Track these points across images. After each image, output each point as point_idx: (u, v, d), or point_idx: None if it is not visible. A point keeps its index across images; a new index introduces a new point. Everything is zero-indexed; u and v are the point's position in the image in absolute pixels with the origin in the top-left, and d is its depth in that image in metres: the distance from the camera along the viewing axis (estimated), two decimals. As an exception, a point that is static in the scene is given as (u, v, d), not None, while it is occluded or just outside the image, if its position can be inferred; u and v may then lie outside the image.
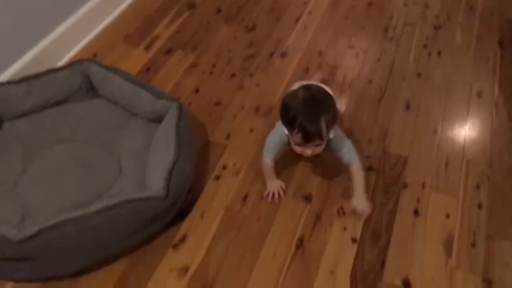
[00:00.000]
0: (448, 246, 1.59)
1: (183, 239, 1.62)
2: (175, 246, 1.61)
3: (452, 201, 1.72)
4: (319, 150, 1.53)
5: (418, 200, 1.72)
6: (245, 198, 1.74)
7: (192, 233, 1.64)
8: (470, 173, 1.81)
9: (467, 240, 1.61)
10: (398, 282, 1.51)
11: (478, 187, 1.76)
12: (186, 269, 1.55)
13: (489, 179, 1.79)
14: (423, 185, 1.77)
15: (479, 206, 1.70)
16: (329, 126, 1.46)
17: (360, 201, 1.59)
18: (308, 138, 1.46)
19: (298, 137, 1.47)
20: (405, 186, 1.77)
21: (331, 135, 1.52)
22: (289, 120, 1.48)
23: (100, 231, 1.38)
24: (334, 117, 1.49)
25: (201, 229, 1.65)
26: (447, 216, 1.68)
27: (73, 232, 1.35)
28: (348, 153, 1.62)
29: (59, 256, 1.39)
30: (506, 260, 1.55)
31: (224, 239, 1.63)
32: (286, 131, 1.54)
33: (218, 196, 1.75)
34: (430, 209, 1.70)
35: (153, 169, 1.58)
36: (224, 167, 1.84)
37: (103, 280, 1.51)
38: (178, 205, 1.60)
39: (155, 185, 1.50)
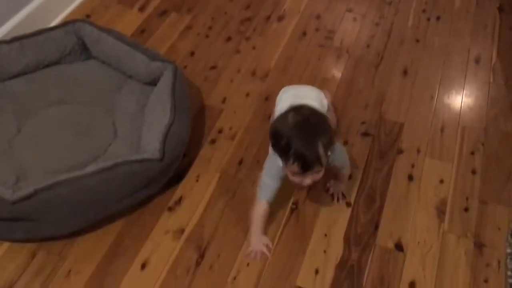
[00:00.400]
0: (441, 210, 1.61)
1: (179, 201, 1.63)
2: (170, 209, 1.61)
3: (446, 166, 1.73)
4: (319, 176, 1.36)
5: (412, 166, 1.73)
6: (240, 162, 1.74)
7: (188, 196, 1.65)
8: (466, 139, 1.81)
9: (460, 205, 1.63)
10: (391, 244, 1.53)
11: (472, 153, 1.77)
12: (181, 231, 1.56)
13: (484, 145, 1.79)
14: (418, 151, 1.77)
15: (473, 172, 1.71)
16: (327, 149, 1.30)
17: (338, 186, 1.64)
18: (306, 166, 1.29)
19: (295, 167, 1.29)
20: (400, 151, 1.77)
21: (329, 153, 1.34)
22: (282, 149, 1.30)
23: (95, 192, 1.38)
24: (331, 138, 1.33)
25: (196, 192, 1.66)
26: (441, 181, 1.69)
27: (69, 193, 1.35)
28: (344, 162, 1.53)
29: (54, 217, 1.39)
30: (498, 225, 1.57)
31: (219, 202, 1.63)
32: (281, 163, 1.37)
33: (213, 160, 1.75)
34: (424, 174, 1.71)
35: (149, 132, 1.57)
36: (220, 131, 1.83)
37: (99, 241, 1.52)
38: (174, 168, 1.60)
39: (151, 147, 1.49)
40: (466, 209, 1.61)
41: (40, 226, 1.41)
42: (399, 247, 1.53)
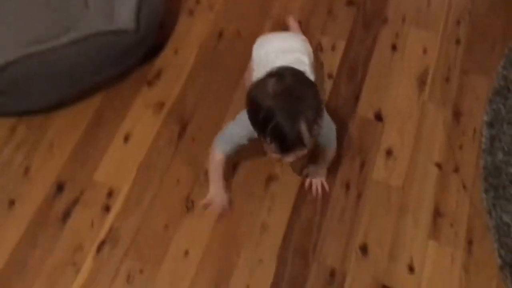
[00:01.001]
0: (422, 81, 1.61)
1: (158, 75, 1.60)
2: (150, 83, 1.59)
3: (431, 36, 1.69)
4: (303, 154, 1.15)
5: (397, 35, 1.69)
6: (220, 34, 1.68)
7: (167, 69, 1.61)
8: (453, 8, 1.76)
9: (441, 75, 1.62)
10: (370, 115, 1.55)
11: (458, 22, 1.73)
12: (161, 106, 1.55)
13: (470, 13, 1.74)
14: (404, 20, 1.72)
15: (457, 42, 1.69)
16: (312, 127, 1.08)
17: (317, 173, 1.42)
18: (286, 148, 1.10)
19: (273, 147, 1.10)
20: (385, 21, 1.72)
21: (315, 131, 1.13)
22: (260, 124, 1.10)
23: (70, 63, 1.34)
24: (317, 113, 1.10)
25: (175, 66, 1.62)
26: (425, 51, 1.66)
27: (42, 65, 1.31)
28: (330, 140, 1.32)
29: (30, 90, 1.36)
30: (477, 94, 1.59)
31: (200, 75, 1.60)
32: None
33: (192, 32, 1.68)
34: (408, 44, 1.68)
35: (121, 2, 1.48)
36: (198, 1, 1.74)
37: (79, 115, 1.51)
38: (150, 40, 1.54)
39: (124, 18, 1.42)
40: (447, 79, 1.61)
41: (17, 99, 1.38)
42: (378, 117, 1.55)
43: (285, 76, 1.11)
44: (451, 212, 1.40)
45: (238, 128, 1.23)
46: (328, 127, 1.26)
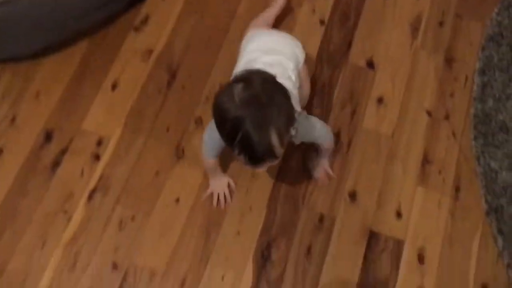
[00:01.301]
0: (415, 27, 1.58)
1: (145, 21, 1.55)
2: (136, 29, 1.54)
3: (425, -20, 1.65)
4: (276, 163, 1.09)
5: (391, -20, 1.65)
6: (209, -19, 1.63)
7: (154, 15, 1.56)
8: (448, -50, 1.70)
9: (435, 20, 1.59)
10: (362, 62, 1.53)
11: (454, -35, 1.68)
12: (150, 52, 1.51)
13: (467, -42, 1.69)
14: (398, -37, 1.67)
15: (452, -15, 1.65)
16: (283, 136, 1.00)
17: (319, 164, 1.36)
18: (255, 160, 1.02)
19: (241, 158, 1.03)
20: (379, -36, 1.67)
21: (293, 132, 1.06)
22: (225, 136, 1.02)
23: (54, 7, 1.29)
24: (289, 120, 1.02)
25: (163, 11, 1.57)
26: (419, -4, 1.63)
27: (25, 8, 1.26)
28: (318, 137, 1.25)
29: (13, 34, 1.32)
30: (471, 40, 1.56)
31: (188, 21, 1.56)
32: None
33: (180, -24, 1.63)
34: (402, -11, 1.64)
35: None
36: None
37: (65, 62, 1.48)
38: (136, -17, 1.49)
39: (108, -41, 1.36)
40: (440, 24, 1.58)
41: (1, 45, 1.34)
42: (370, 64, 1.53)
43: (252, 81, 1.01)
44: (440, 159, 1.41)
45: (212, 137, 1.14)
46: (312, 127, 1.21)
